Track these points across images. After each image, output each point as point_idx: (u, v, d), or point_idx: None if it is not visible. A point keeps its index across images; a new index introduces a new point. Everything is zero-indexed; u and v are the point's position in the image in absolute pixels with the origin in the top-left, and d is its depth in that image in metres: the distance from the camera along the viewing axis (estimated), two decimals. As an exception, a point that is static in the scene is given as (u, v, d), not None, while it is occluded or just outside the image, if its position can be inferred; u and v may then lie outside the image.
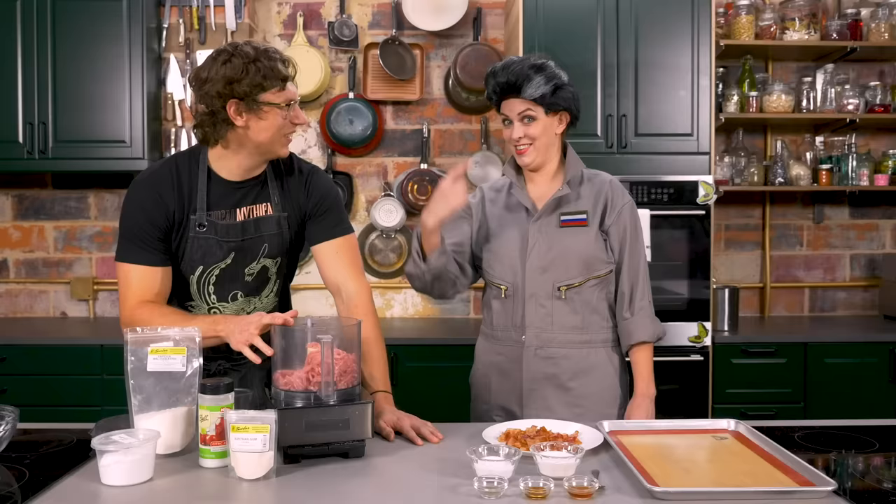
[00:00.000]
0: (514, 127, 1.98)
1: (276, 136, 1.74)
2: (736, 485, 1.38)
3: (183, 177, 1.78)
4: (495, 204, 2.10)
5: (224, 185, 1.80)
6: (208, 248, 1.78)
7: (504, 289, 2.03)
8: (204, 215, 1.77)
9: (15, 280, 3.78)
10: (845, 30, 3.48)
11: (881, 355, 3.22)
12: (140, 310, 1.73)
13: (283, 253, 1.88)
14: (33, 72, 3.34)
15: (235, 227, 1.80)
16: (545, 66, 1.96)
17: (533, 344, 2.00)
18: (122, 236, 1.78)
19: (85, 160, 3.38)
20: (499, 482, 1.34)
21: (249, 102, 1.69)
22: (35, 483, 1.40)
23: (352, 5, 3.75)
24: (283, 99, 1.71)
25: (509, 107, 1.98)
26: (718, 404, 3.19)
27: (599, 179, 2.06)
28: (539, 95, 1.93)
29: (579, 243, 1.99)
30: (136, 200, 1.77)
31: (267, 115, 1.71)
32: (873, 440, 1.68)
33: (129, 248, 1.76)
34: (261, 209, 1.83)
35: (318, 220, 1.89)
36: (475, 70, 3.59)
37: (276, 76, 1.69)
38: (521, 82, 1.93)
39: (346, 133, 3.66)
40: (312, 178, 1.90)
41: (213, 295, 1.84)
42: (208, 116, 1.73)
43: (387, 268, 3.76)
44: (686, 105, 3.21)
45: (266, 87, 1.68)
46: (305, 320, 1.61)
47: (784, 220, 3.83)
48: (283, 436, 1.47)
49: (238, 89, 1.67)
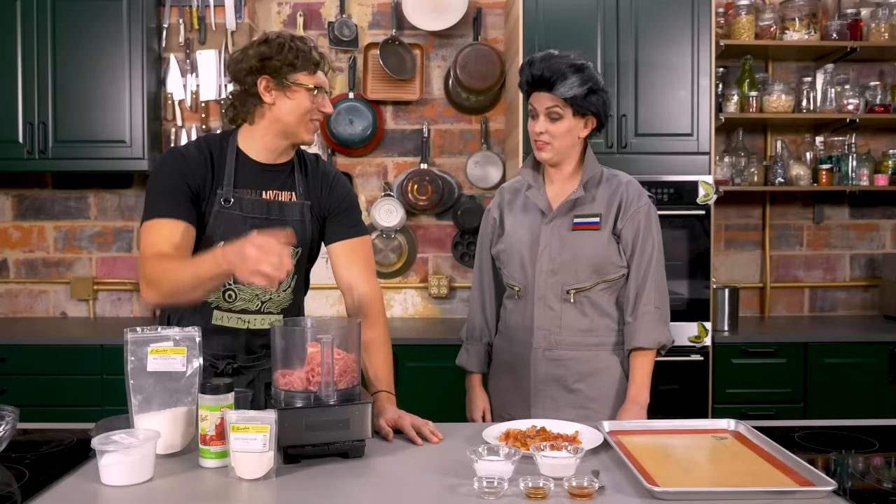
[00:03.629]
0: (538, 121, 1.96)
1: (301, 119, 1.78)
2: (736, 485, 1.38)
3: (215, 152, 1.82)
4: (512, 205, 2.10)
5: (252, 165, 1.83)
6: (232, 224, 1.78)
7: (518, 290, 2.03)
8: (231, 191, 1.79)
9: (15, 280, 3.78)
10: (845, 30, 3.48)
11: (881, 355, 3.22)
12: (154, 260, 1.68)
13: (304, 243, 1.88)
14: (33, 72, 3.35)
15: (261, 205, 1.82)
16: (584, 68, 1.92)
17: (541, 345, 2.00)
18: (151, 197, 1.76)
19: (85, 160, 3.38)
20: (499, 482, 1.34)
21: (280, 80, 1.75)
22: (35, 483, 1.40)
23: (352, 5, 3.75)
24: (312, 82, 1.77)
25: (538, 100, 1.96)
26: (718, 404, 3.19)
27: (616, 181, 2.04)
28: (571, 96, 1.90)
29: (591, 246, 1.97)
30: (168, 162, 1.80)
31: (295, 94, 1.77)
32: (873, 440, 1.68)
33: (157, 205, 1.74)
34: (286, 195, 1.86)
35: (336, 219, 1.92)
36: (475, 70, 3.59)
37: (309, 59, 1.76)
38: (555, 79, 1.90)
39: (346, 133, 3.66)
40: (336, 178, 1.96)
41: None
42: (239, 93, 1.80)
43: (387, 268, 3.76)
44: (686, 105, 3.21)
45: (297, 68, 1.75)
46: (305, 320, 1.61)
47: (784, 220, 3.84)
48: (283, 436, 1.47)
49: (270, 65, 1.74)
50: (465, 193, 3.76)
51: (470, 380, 2.22)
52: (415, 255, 3.78)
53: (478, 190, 3.75)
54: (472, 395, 2.20)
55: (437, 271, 3.80)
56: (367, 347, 1.85)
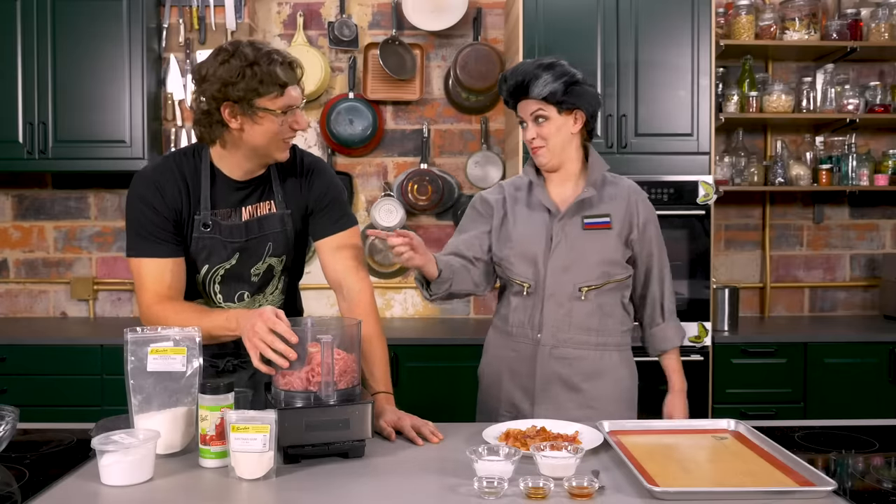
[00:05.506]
0: (528, 128, 1.98)
1: (272, 141, 1.70)
2: (736, 485, 1.38)
3: (186, 173, 1.76)
4: (518, 202, 2.08)
5: (228, 183, 1.78)
6: (213, 247, 1.77)
7: (527, 286, 2.01)
8: (208, 215, 1.75)
9: (15, 280, 3.78)
10: (845, 30, 3.48)
11: (881, 355, 3.22)
12: (156, 308, 1.72)
13: (287, 251, 1.87)
14: (33, 72, 3.34)
15: (240, 228, 1.78)
16: (554, 65, 1.94)
17: (549, 343, 1.99)
18: (130, 231, 1.76)
19: (85, 160, 3.38)
20: (499, 482, 1.34)
21: (244, 107, 1.64)
22: (35, 483, 1.40)
23: (352, 5, 3.75)
24: (280, 105, 1.66)
25: (523, 108, 1.98)
26: (718, 404, 3.19)
27: (623, 185, 2.06)
28: (548, 93, 1.91)
29: (601, 246, 1.98)
30: (140, 194, 1.74)
31: (262, 120, 1.66)
32: (873, 440, 1.68)
33: (138, 242, 1.74)
34: (265, 207, 1.82)
35: (320, 215, 1.88)
36: (475, 70, 3.59)
37: (274, 82, 1.63)
38: (528, 81, 1.93)
39: (346, 133, 3.66)
40: (314, 174, 1.88)
41: (218, 294, 1.83)
42: (205, 116, 1.69)
43: (387, 268, 3.76)
44: (686, 105, 3.21)
45: (262, 93, 1.63)
46: (306, 320, 1.61)
47: (784, 220, 3.83)
48: (283, 436, 1.47)
49: (232, 93, 1.63)
50: (465, 193, 3.76)
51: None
52: (415, 255, 3.77)
53: (478, 190, 3.75)
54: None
55: (437, 271, 3.80)
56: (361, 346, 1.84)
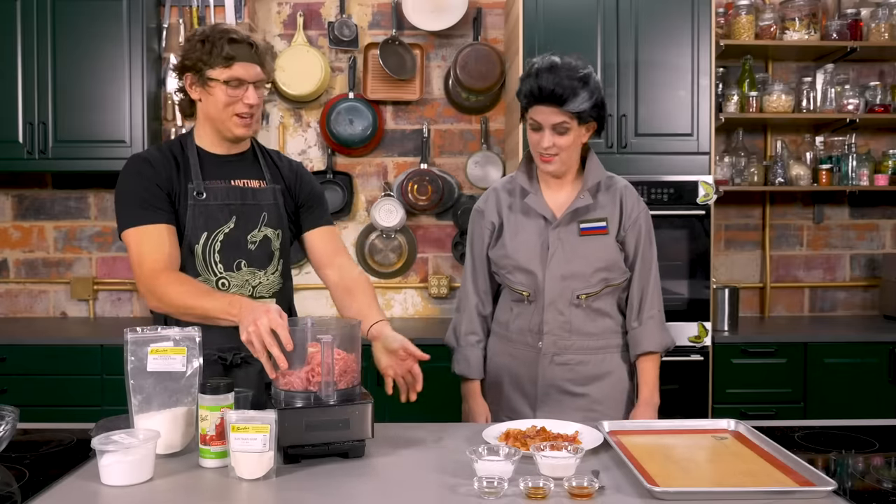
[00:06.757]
0: (544, 135, 1.91)
1: (224, 112, 1.81)
2: (736, 485, 1.38)
3: (176, 152, 1.88)
4: (512, 208, 2.05)
5: (213, 158, 1.89)
6: (209, 213, 1.84)
7: (527, 294, 2.01)
8: (202, 184, 1.84)
9: (15, 280, 3.78)
10: (845, 30, 3.48)
11: (881, 355, 3.22)
12: (161, 277, 1.75)
13: (282, 226, 1.93)
14: (33, 72, 3.34)
15: (234, 191, 1.87)
16: (589, 79, 1.89)
17: (550, 350, 1.99)
18: (127, 205, 1.81)
19: (85, 160, 3.38)
20: (499, 482, 1.34)
21: (198, 77, 1.81)
22: (35, 483, 1.40)
23: (352, 5, 3.75)
24: (226, 76, 1.79)
25: (542, 114, 1.89)
26: (718, 404, 3.19)
27: (615, 186, 2.04)
28: (580, 110, 1.88)
29: (599, 251, 1.97)
30: (134, 171, 1.84)
31: (213, 90, 1.80)
32: (873, 440, 1.68)
33: (136, 212, 1.80)
34: (255, 183, 1.91)
35: (309, 210, 2.00)
36: (475, 70, 3.60)
37: (219, 55, 1.78)
38: (567, 95, 1.86)
39: (346, 133, 3.66)
40: (300, 169, 2.02)
41: (219, 263, 1.85)
42: (180, 89, 1.88)
43: (387, 268, 3.76)
44: (686, 105, 3.21)
45: (210, 64, 1.78)
46: (305, 320, 1.61)
47: (784, 220, 3.84)
48: (283, 436, 1.47)
49: (188, 64, 1.81)
50: (465, 193, 3.76)
51: (470, 387, 2.12)
52: (415, 256, 3.78)
53: (478, 190, 3.74)
54: (474, 403, 2.11)
55: (437, 271, 3.80)
56: (352, 291, 1.91)
